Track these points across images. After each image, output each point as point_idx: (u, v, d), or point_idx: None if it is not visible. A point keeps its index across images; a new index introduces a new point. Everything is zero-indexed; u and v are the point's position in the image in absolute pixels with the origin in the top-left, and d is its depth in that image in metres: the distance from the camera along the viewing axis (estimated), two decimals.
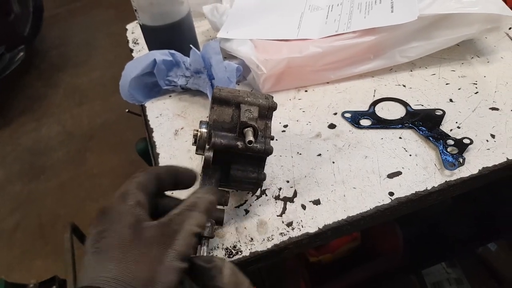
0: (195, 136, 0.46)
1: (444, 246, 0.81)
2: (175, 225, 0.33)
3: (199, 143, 0.46)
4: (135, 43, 0.87)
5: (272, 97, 0.48)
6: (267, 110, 0.47)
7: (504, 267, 1.08)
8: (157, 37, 0.69)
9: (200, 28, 0.84)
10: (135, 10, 0.67)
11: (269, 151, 0.45)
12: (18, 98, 2.41)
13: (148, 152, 0.66)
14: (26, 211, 1.81)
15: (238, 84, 0.71)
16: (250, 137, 0.42)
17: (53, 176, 1.94)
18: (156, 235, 0.33)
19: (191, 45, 0.64)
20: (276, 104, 0.47)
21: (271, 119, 0.48)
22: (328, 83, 0.68)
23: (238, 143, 0.44)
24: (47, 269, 1.54)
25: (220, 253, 0.47)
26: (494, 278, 1.09)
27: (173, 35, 0.68)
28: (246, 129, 0.44)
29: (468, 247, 0.93)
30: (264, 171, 0.47)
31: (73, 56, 2.64)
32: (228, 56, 0.72)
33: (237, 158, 0.46)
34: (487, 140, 0.54)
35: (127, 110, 0.75)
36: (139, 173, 0.38)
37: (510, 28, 0.72)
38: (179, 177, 0.40)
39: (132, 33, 0.90)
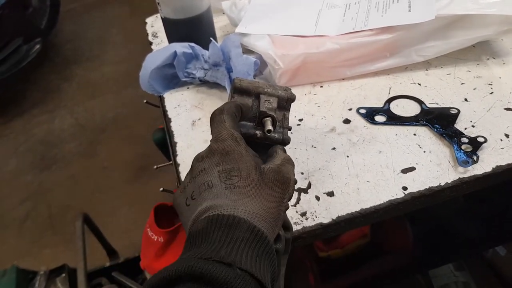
0: None
1: (453, 246, 0.81)
2: (286, 173, 0.38)
3: None
4: (154, 36, 0.88)
5: (291, 89, 0.49)
6: (286, 101, 0.48)
7: None
8: (177, 30, 0.70)
9: (219, 23, 0.86)
10: (158, 3, 0.69)
11: (287, 141, 0.46)
12: (32, 90, 2.45)
13: (164, 142, 0.68)
14: (37, 201, 1.84)
15: (255, 78, 0.72)
16: (269, 126, 0.44)
17: (64, 167, 1.97)
18: (275, 179, 0.37)
19: (211, 38, 0.66)
20: (295, 96, 0.48)
21: (289, 111, 0.49)
22: (343, 79, 0.69)
23: (257, 132, 0.45)
24: (56, 258, 1.56)
25: None
26: (502, 283, 1.09)
27: (193, 29, 0.70)
28: (265, 118, 0.45)
29: (477, 249, 0.93)
30: None
31: (87, 51, 2.68)
32: (245, 51, 0.73)
33: (256, 147, 0.47)
34: (501, 140, 0.55)
35: (145, 101, 0.77)
36: (227, 116, 0.40)
37: None
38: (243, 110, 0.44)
39: (152, 26, 0.91)
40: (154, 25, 0.92)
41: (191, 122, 0.65)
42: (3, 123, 2.27)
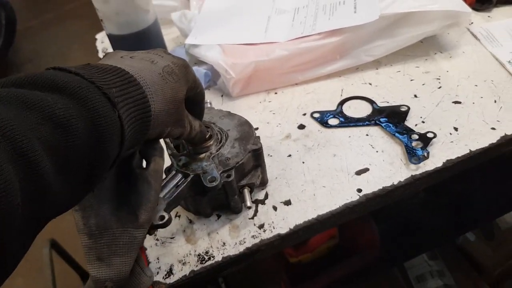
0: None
1: (423, 238, 0.83)
2: (186, 122, 0.41)
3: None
4: (105, 52, 0.86)
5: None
6: None
7: (484, 256, 1.10)
8: (124, 45, 0.68)
9: (170, 35, 0.84)
10: (101, 20, 0.67)
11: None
12: None
13: None
14: None
15: (209, 89, 0.71)
16: None
17: None
18: (182, 118, 0.39)
19: None
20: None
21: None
22: (296, 84, 0.69)
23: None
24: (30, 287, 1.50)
25: (192, 260, 0.47)
26: (475, 268, 1.12)
27: (140, 43, 0.68)
28: None
29: (447, 237, 0.95)
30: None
31: None
32: (197, 62, 0.72)
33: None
34: (451, 133, 0.56)
35: None
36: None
37: (471, 24, 0.75)
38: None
39: (102, 42, 0.89)
40: (104, 41, 0.89)
41: None
42: None
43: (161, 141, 0.48)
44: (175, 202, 0.43)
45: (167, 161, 0.45)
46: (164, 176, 0.43)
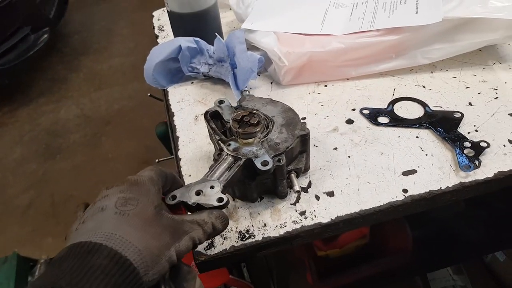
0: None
1: (452, 250, 0.81)
2: (186, 227, 0.37)
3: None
4: (160, 29, 0.89)
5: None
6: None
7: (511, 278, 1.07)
8: (183, 24, 0.70)
9: (225, 19, 0.86)
10: None
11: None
12: (39, 79, 2.46)
13: (166, 135, 0.68)
14: (40, 189, 1.85)
15: (259, 75, 0.72)
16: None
17: (68, 157, 1.99)
18: (171, 226, 0.36)
19: (216, 33, 0.66)
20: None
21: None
22: (348, 79, 0.69)
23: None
24: (58, 247, 1.56)
25: (233, 236, 0.49)
26: None
27: (199, 23, 0.70)
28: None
29: (476, 254, 0.93)
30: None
31: (94, 42, 2.68)
32: (250, 47, 0.73)
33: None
34: (504, 145, 0.55)
35: (149, 94, 0.77)
36: (153, 168, 0.41)
37: None
38: (172, 185, 0.42)
39: (158, 19, 0.91)
40: (161, 18, 0.92)
41: (193, 117, 0.66)
42: (9, 111, 2.28)
43: (207, 126, 0.51)
44: (229, 185, 0.45)
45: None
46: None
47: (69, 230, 0.35)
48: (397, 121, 0.60)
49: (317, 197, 0.52)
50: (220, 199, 0.41)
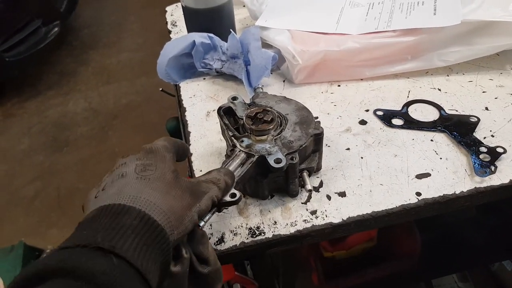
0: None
1: (459, 256, 0.80)
2: (203, 188, 0.39)
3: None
4: (173, 25, 0.88)
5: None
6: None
7: None
8: (197, 19, 0.70)
9: (238, 16, 0.85)
10: None
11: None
12: (48, 72, 2.47)
13: (177, 130, 0.67)
14: (47, 181, 1.86)
15: (271, 73, 0.71)
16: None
17: (75, 150, 1.99)
18: (189, 188, 0.37)
19: (230, 30, 0.65)
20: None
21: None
22: (362, 79, 0.68)
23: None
24: (63, 238, 1.57)
25: (243, 232, 0.48)
26: None
27: (213, 19, 0.69)
28: None
29: (484, 261, 0.92)
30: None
31: (104, 37, 2.69)
32: (264, 44, 0.72)
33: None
34: None
35: (160, 89, 0.77)
36: (167, 138, 0.42)
37: None
38: (183, 153, 0.43)
39: (171, 15, 0.91)
40: (174, 13, 0.91)
41: (205, 112, 0.65)
42: (18, 103, 2.29)
43: (220, 122, 0.51)
44: (242, 180, 0.44)
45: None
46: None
47: (86, 199, 0.35)
48: (411, 124, 0.59)
49: (329, 197, 0.51)
50: (233, 195, 0.41)
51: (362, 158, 0.56)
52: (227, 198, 0.40)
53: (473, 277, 1.12)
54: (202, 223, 0.40)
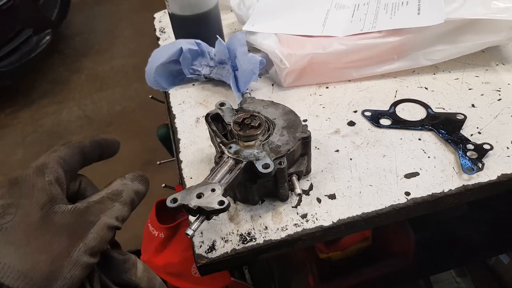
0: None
1: (456, 253, 0.81)
2: (91, 216, 0.30)
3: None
4: (162, 31, 0.88)
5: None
6: None
7: None
8: (184, 26, 0.70)
9: (226, 21, 0.85)
10: None
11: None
12: (41, 80, 2.47)
13: (168, 137, 0.68)
14: None
15: (260, 77, 0.72)
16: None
17: None
18: (68, 224, 0.29)
19: (217, 36, 0.66)
20: None
21: None
22: (349, 81, 0.68)
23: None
24: None
25: (234, 239, 0.48)
26: None
27: (200, 25, 0.70)
28: None
29: (480, 256, 0.92)
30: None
31: (96, 44, 2.69)
32: (251, 49, 0.72)
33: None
34: (508, 148, 0.54)
35: (150, 96, 0.77)
36: (61, 146, 0.34)
37: None
38: (104, 148, 0.37)
39: (160, 21, 0.91)
40: (162, 20, 0.91)
41: (195, 119, 0.65)
42: (12, 113, 2.29)
43: (208, 129, 0.50)
44: (231, 187, 0.45)
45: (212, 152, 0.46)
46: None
47: None
48: (399, 123, 0.60)
49: (319, 200, 0.52)
50: (221, 202, 0.41)
51: (351, 159, 0.56)
52: (215, 206, 0.40)
53: (471, 272, 1.13)
54: (191, 232, 0.40)
